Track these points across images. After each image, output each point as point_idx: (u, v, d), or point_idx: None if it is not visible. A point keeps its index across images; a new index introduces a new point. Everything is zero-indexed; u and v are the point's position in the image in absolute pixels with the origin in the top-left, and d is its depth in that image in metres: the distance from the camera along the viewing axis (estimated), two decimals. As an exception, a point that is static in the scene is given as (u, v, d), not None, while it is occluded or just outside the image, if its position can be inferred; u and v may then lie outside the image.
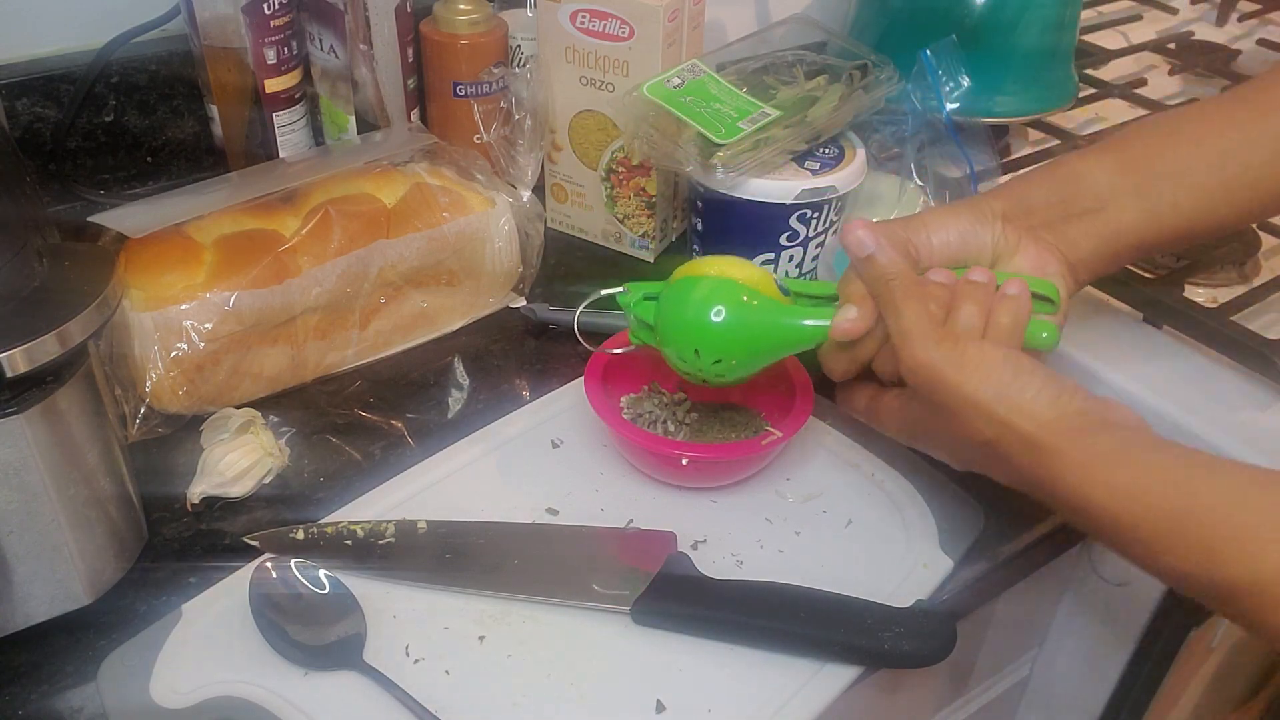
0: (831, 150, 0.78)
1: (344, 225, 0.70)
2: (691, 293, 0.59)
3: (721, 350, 0.59)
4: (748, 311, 0.58)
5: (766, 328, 0.59)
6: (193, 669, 0.52)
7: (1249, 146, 0.60)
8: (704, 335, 0.58)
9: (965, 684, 0.82)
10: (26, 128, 0.82)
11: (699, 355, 0.59)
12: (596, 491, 0.64)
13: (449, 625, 0.55)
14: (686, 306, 0.59)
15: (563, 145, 0.86)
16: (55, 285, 0.51)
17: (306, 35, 0.84)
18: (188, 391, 0.65)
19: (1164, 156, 0.61)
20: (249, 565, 0.57)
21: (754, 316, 0.59)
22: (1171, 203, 0.60)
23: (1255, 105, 0.61)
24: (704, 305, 0.58)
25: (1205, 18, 1.30)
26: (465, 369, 0.75)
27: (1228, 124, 0.61)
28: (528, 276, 0.80)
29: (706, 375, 0.60)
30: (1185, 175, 0.60)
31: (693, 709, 0.52)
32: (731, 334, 0.58)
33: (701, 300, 0.59)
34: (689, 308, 0.59)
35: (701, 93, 0.76)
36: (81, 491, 0.53)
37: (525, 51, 0.89)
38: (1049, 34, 0.92)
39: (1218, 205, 0.60)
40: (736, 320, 0.58)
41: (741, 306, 0.58)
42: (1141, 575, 0.76)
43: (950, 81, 0.82)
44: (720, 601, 0.55)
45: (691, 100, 0.75)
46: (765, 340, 0.59)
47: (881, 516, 0.62)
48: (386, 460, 0.66)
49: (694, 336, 0.59)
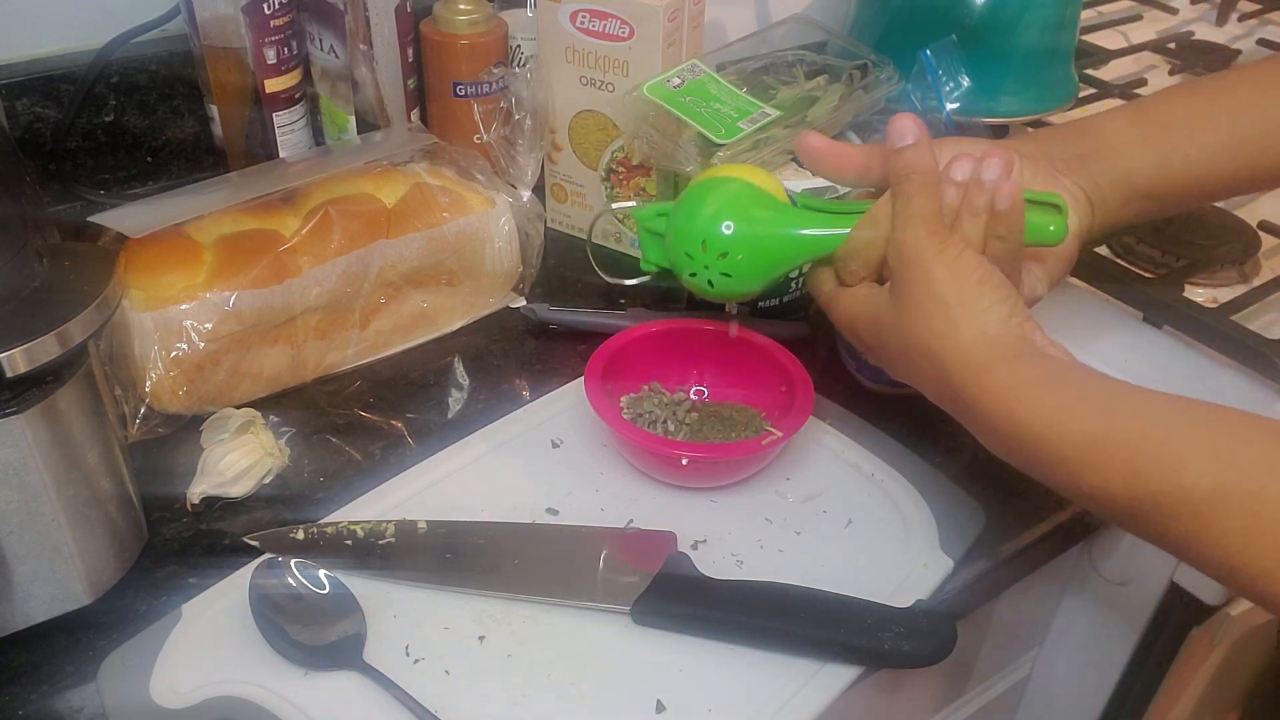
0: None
1: (344, 225, 0.70)
2: (702, 205, 0.60)
3: (728, 245, 0.59)
4: (758, 224, 0.59)
5: (777, 239, 0.59)
6: (193, 669, 0.52)
7: (1264, 105, 0.61)
8: (711, 230, 0.59)
9: (965, 684, 0.82)
10: (26, 128, 0.82)
11: (705, 249, 0.59)
12: (596, 491, 0.64)
13: (449, 625, 0.55)
14: (696, 219, 0.60)
15: (563, 145, 0.86)
16: (55, 285, 0.51)
17: (306, 35, 0.84)
18: (188, 391, 0.65)
19: (1177, 110, 0.62)
20: (249, 565, 0.57)
21: (764, 229, 0.59)
22: (1183, 154, 0.61)
23: (1274, 66, 0.63)
24: (714, 219, 0.59)
25: (1205, 18, 1.30)
26: (465, 369, 0.75)
27: (1243, 82, 0.63)
28: (528, 276, 0.80)
29: (714, 277, 0.60)
30: (1196, 129, 0.61)
31: (693, 709, 0.52)
32: (741, 244, 0.59)
33: (712, 215, 0.59)
34: (699, 220, 0.60)
35: (701, 93, 0.76)
36: (81, 491, 0.53)
37: (525, 51, 0.89)
38: (1049, 34, 0.92)
39: (1227, 161, 0.61)
40: (747, 232, 0.59)
41: (753, 220, 0.59)
42: (1141, 575, 0.76)
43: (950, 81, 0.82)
44: (720, 601, 0.55)
45: (691, 100, 0.75)
46: (775, 250, 0.60)
47: (881, 516, 0.62)
48: (386, 460, 0.66)
49: (701, 230, 0.60)
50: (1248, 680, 0.92)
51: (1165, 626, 0.78)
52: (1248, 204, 0.93)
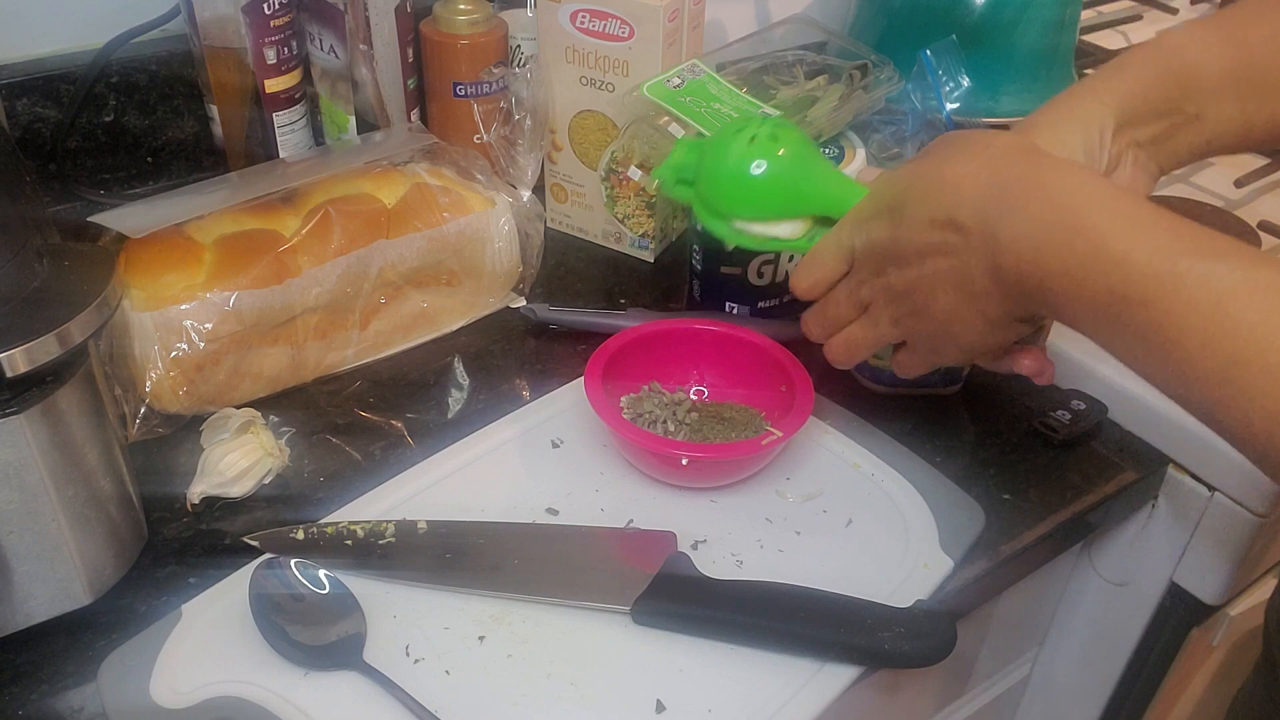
0: (831, 150, 0.78)
1: (344, 225, 0.70)
2: (732, 144, 0.62)
3: (758, 183, 0.61)
4: (787, 164, 0.61)
5: (807, 179, 0.61)
6: (193, 669, 0.52)
7: None
8: (742, 187, 0.62)
9: (965, 684, 0.82)
10: (26, 128, 0.82)
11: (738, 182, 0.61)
12: (596, 491, 0.64)
13: (449, 625, 0.55)
14: (728, 157, 0.62)
15: (563, 145, 0.86)
16: (55, 285, 0.51)
17: (306, 35, 0.84)
18: (188, 391, 0.65)
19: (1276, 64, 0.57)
20: (249, 565, 0.57)
21: (794, 168, 0.61)
22: (1268, 114, 0.57)
23: None
24: (745, 159, 0.61)
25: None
26: (465, 369, 0.75)
27: None
28: (528, 276, 0.80)
29: (741, 193, 0.62)
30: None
31: (693, 709, 0.52)
32: (772, 185, 0.61)
33: (742, 154, 0.61)
34: (730, 159, 0.62)
35: (701, 93, 0.76)
36: (81, 491, 0.53)
37: (525, 51, 0.89)
38: (1049, 34, 0.92)
39: None
40: (777, 171, 0.61)
41: (780, 160, 0.61)
42: (1142, 575, 0.76)
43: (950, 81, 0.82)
44: (720, 601, 0.55)
45: (691, 100, 0.75)
46: (803, 192, 0.61)
47: (881, 516, 0.62)
48: (386, 460, 0.66)
49: (732, 188, 0.62)
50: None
51: (1165, 626, 0.78)
52: (1248, 204, 0.93)
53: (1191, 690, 0.84)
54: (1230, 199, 0.93)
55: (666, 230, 0.88)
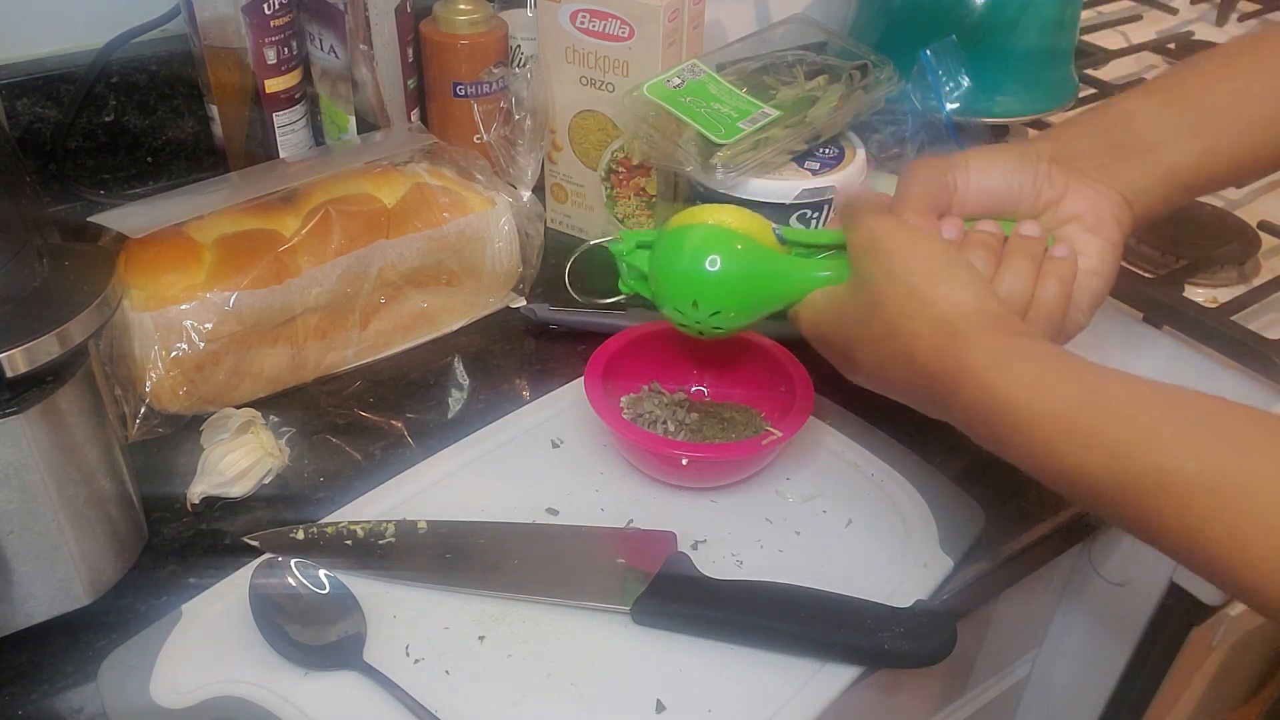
0: (831, 150, 0.78)
1: (344, 225, 0.70)
2: (686, 240, 0.59)
3: (720, 301, 0.58)
4: (744, 260, 0.58)
5: (764, 276, 0.58)
6: (193, 669, 0.52)
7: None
8: (700, 285, 0.58)
9: (965, 684, 0.82)
10: (26, 128, 0.82)
11: (697, 307, 0.58)
12: (596, 491, 0.64)
13: (449, 625, 0.55)
14: (681, 255, 0.58)
15: (563, 145, 0.86)
16: (55, 285, 0.51)
17: (306, 35, 0.84)
18: (188, 391, 0.65)
19: (1217, 90, 0.58)
20: (249, 565, 0.57)
21: (751, 265, 0.58)
22: (1228, 139, 0.57)
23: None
24: (699, 254, 0.58)
25: (1205, 18, 1.30)
26: (465, 369, 0.75)
27: (1274, 46, 0.59)
28: (528, 276, 0.80)
29: (704, 327, 0.59)
30: (1243, 108, 0.57)
31: (693, 709, 0.52)
32: (728, 283, 0.58)
33: (696, 249, 0.58)
34: (684, 256, 0.58)
35: (701, 93, 0.76)
36: (81, 491, 0.53)
37: (525, 51, 0.89)
38: (1049, 34, 0.92)
39: (1276, 138, 0.58)
40: (733, 269, 0.58)
41: (737, 255, 0.58)
42: (1141, 575, 0.76)
43: (950, 81, 0.82)
44: (720, 601, 0.55)
45: (691, 100, 0.75)
46: (763, 290, 0.58)
47: (881, 516, 0.62)
48: (386, 460, 0.66)
49: (691, 287, 0.58)
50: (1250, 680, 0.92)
51: (1165, 626, 0.78)
52: (1248, 204, 0.93)
53: (1191, 690, 0.84)
54: (1230, 199, 0.93)
55: (666, 230, 0.88)
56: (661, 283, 0.60)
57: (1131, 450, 0.44)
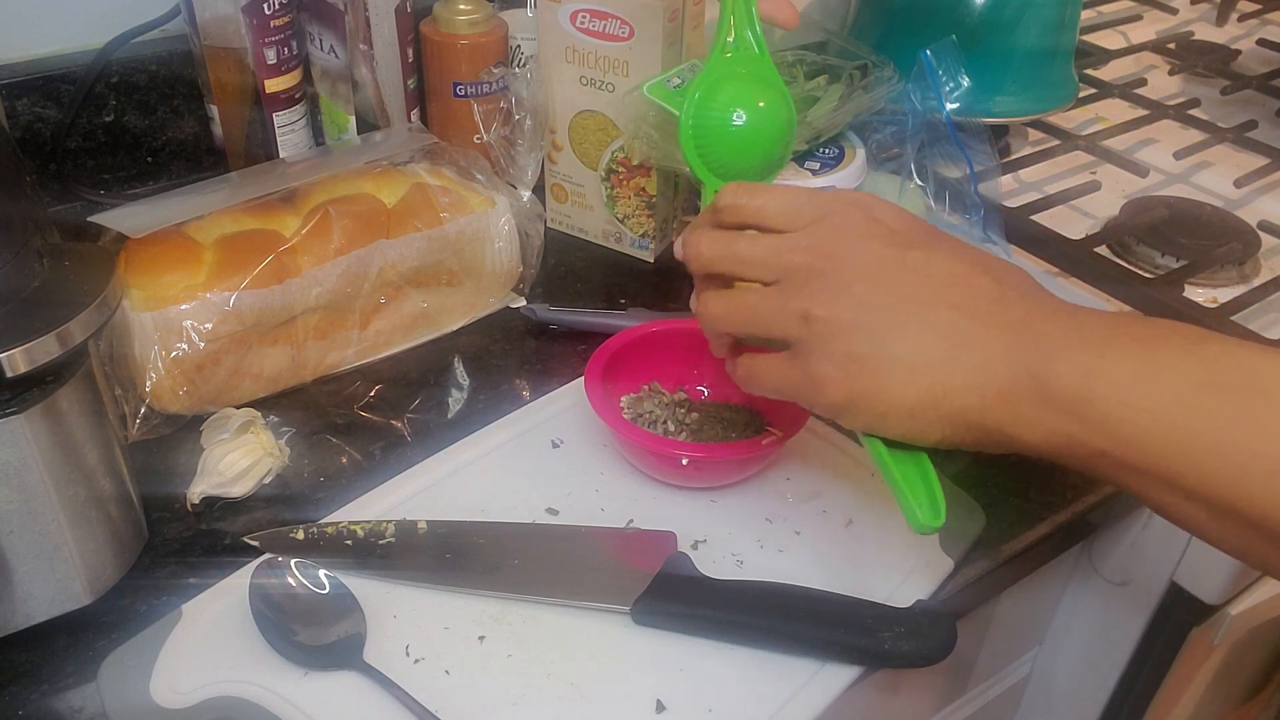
0: (831, 150, 0.78)
1: (344, 225, 0.70)
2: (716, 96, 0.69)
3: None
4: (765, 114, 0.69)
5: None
6: (193, 669, 0.52)
7: None
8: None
9: (965, 684, 0.82)
10: (26, 128, 0.82)
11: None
12: (596, 491, 0.64)
13: (449, 625, 0.55)
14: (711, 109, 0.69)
15: (563, 145, 0.86)
16: (55, 285, 0.51)
17: (306, 35, 0.84)
18: (188, 391, 0.65)
19: None
20: (249, 565, 0.57)
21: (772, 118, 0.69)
22: None
23: None
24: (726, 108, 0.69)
25: (1205, 18, 1.30)
26: (465, 369, 0.75)
27: None
28: (528, 276, 0.80)
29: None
30: None
31: (693, 709, 0.52)
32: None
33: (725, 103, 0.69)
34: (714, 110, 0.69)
35: (701, 93, 0.76)
36: (81, 491, 0.53)
37: (525, 51, 0.89)
38: (1049, 34, 0.92)
39: None
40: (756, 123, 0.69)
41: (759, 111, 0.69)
42: (1141, 575, 0.76)
43: (950, 81, 0.82)
44: (720, 601, 0.55)
45: (691, 100, 0.75)
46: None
47: (881, 516, 0.62)
48: (386, 460, 0.66)
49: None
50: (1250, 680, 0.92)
51: (1165, 626, 0.78)
52: (1248, 204, 0.93)
53: (1192, 690, 0.84)
54: (1230, 199, 0.93)
55: (666, 230, 0.88)
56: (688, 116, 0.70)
57: None
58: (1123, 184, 0.94)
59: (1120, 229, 0.86)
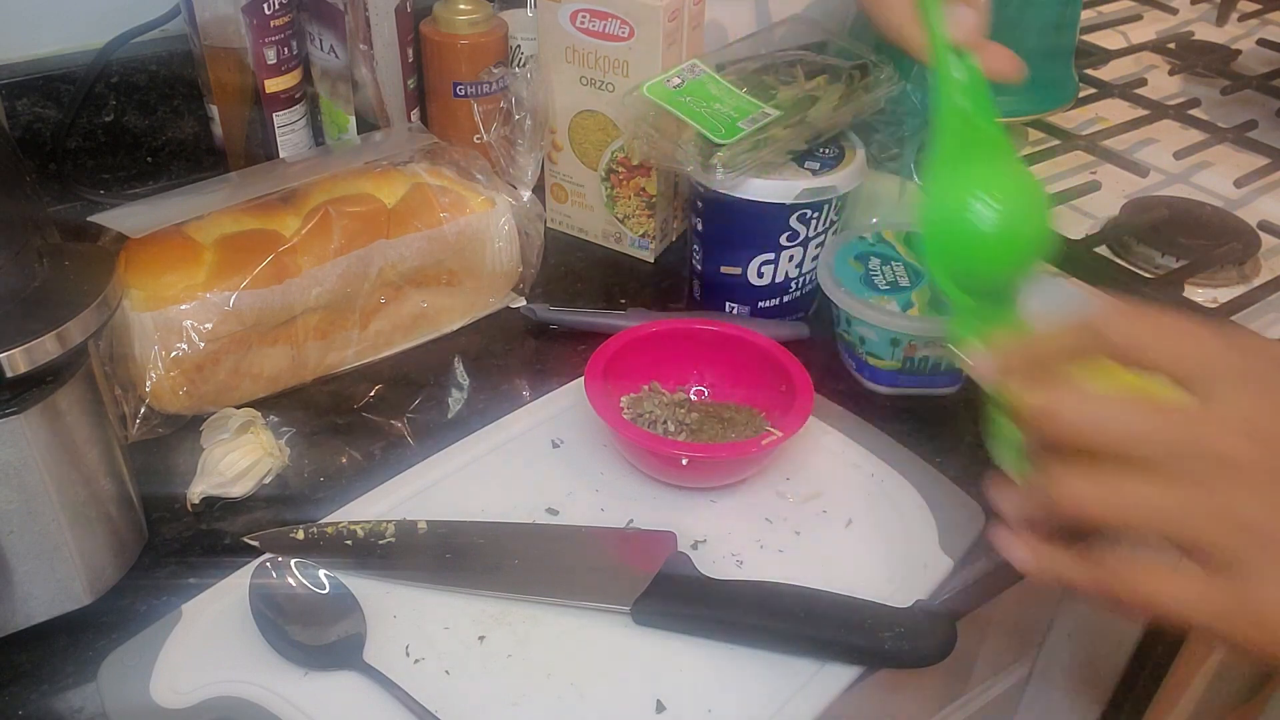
0: (831, 150, 0.78)
1: (344, 225, 0.70)
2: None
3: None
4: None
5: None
6: (193, 669, 0.52)
7: None
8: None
9: (965, 684, 0.82)
10: (26, 128, 0.82)
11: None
12: (596, 491, 0.64)
13: (449, 625, 0.55)
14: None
15: (563, 145, 0.86)
16: (55, 285, 0.51)
17: (306, 35, 0.84)
18: (188, 391, 0.65)
19: None
20: (249, 565, 0.57)
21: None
22: None
23: None
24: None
25: (1205, 18, 1.30)
26: (465, 369, 0.75)
27: None
28: (528, 276, 0.80)
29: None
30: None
31: (693, 709, 0.52)
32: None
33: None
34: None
35: (701, 93, 0.76)
36: (81, 491, 0.53)
37: (525, 51, 0.89)
38: (1049, 34, 0.92)
39: None
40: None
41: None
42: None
43: (950, 81, 0.81)
44: (720, 601, 0.55)
45: (691, 100, 0.75)
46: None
47: (881, 516, 0.62)
48: (386, 460, 0.66)
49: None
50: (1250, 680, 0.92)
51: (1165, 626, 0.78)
52: (1248, 204, 0.93)
53: (1192, 690, 0.84)
54: (1230, 199, 0.93)
55: (666, 230, 0.88)
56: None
57: None
58: (1123, 184, 0.94)
59: (1120, 229, 0.86)
